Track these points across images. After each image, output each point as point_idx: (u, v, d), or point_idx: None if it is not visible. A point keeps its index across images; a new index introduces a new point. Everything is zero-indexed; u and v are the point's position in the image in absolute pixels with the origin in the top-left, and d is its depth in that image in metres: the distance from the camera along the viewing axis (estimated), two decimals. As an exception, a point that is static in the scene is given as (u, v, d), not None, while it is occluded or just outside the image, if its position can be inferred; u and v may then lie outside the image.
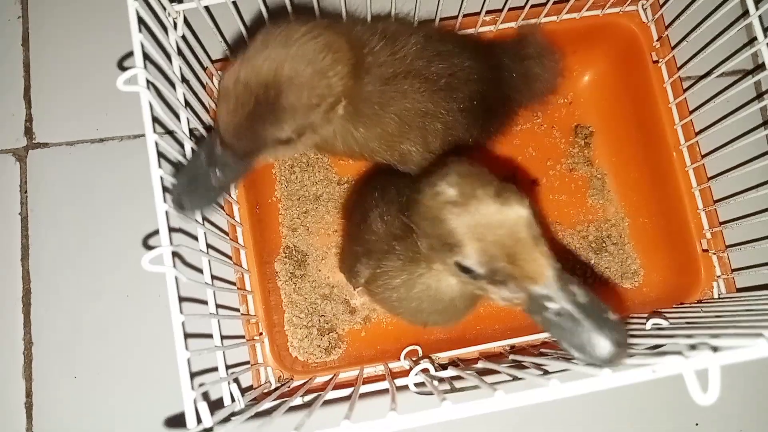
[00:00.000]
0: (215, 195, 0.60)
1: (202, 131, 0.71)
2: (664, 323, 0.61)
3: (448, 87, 0.69)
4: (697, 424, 0.84)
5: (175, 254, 0.53)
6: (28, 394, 0.83)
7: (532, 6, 0.78)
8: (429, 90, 0.67)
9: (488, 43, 0.79)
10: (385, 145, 0.69)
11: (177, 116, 0.66)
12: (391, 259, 0.62)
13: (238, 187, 0.76)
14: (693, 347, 0.40)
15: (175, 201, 0.57)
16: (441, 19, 0.78)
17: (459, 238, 0.46)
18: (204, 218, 0.65)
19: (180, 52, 0.67)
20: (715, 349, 0.39)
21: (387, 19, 0.75)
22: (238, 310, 0.76)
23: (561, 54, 0.81)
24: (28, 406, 0.83)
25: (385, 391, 0.61)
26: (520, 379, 0.49)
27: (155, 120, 0.54)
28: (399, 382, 0.62)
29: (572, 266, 0.87)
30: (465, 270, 0.48)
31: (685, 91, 0.80)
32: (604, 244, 0.88)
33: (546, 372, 0.56)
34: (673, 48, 0.81)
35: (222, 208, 0.71)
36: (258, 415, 0.53)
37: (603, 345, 0.43)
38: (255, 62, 0.53)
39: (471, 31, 0.81)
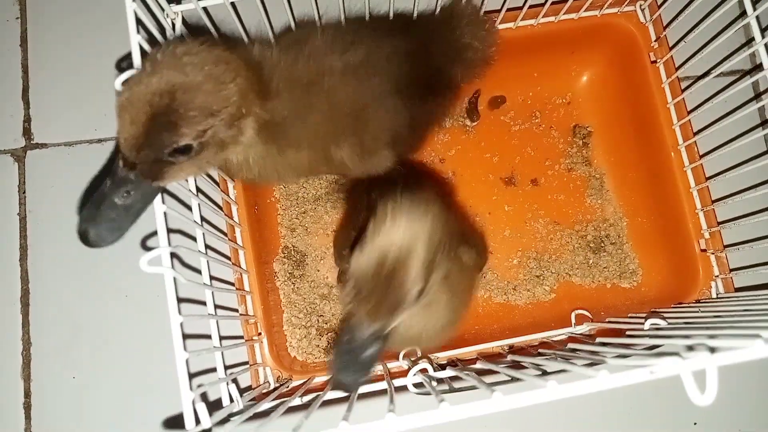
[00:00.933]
0: (124, 219, 0.55)
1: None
2: (662, 323, 0.61)
3: (370, 73, 0.66)
4: (695, 423, 0.84)
5: (173, 255, 0.53)
6: (27, 394, 0.83)
7: (530, 6, 0.78)
8: (349, 83, 0.65)
9: (411, 20, 0.76)
10: (320, 159, 0.67)
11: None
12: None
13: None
14: (690, 348, 0.40)
15: (80, 234, 0.54)
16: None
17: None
18: (202, 219, 0.65)
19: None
20: (712, 350, 0.39)
21: (289, 31, 0.72)
22: (236, 310, 0.76)
23: (491, 21, 0.79)
24: (27, 407, 0.83)
25: (384, 391, 0.61)
26: (518, 379, 0.49)
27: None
28: (398, 382, 0.62)
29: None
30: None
31: (683, 91, 0.80)
32: (602, 244, 0.88)
33: (544, 372, 0.56)
34: (671, 48, 0.81)
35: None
36: (257, 415, 0.53)
37: (344, 375, 0.53)
38: (148, 76, 0.52)
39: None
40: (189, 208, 0.64)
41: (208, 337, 0.62)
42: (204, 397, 0.69)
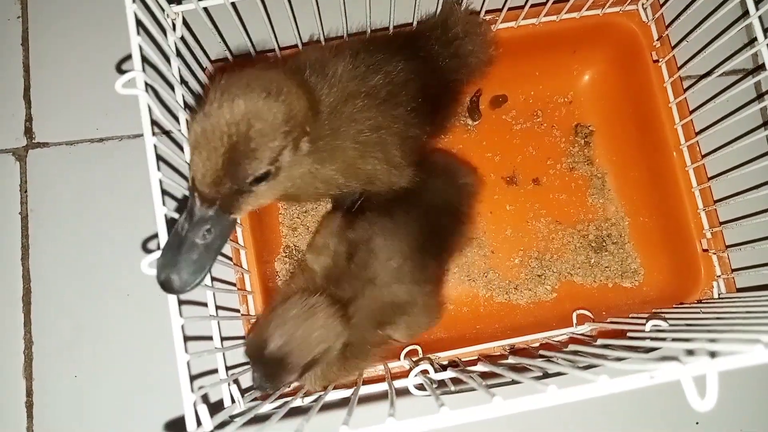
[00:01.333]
0: (205, 258, 0.54)
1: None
2: (664, 325, 0.61)
3: (390, 95, 0.68)
4: (697, 423, 0.84)
5: (174, 257, 0.53)
6: (29, 393, 0.84)
7: (532, 6, 0.78)
8: (373, 106, 0.66)
9: (413, 36, 0.77)
10: (350, 174, 0.68)
11: (176, 117, 0.66)
12: None
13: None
14: (690, 352, 0.40)
15: (163, 283, 0.53)
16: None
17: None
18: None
19: (179, 53, 0.67)
20: (712, 354, 0.39)
21: (308, 49, 0.73)
22: (238, 310, 0.76)
23: (487, 24, 0.80)
24: (29, 405, 0.83)
25: (386, 393, 0.61)
26: (518, 382, 0.49)
27: (154, 122, 0.54)
28: (399, 383, 0.62)
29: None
30: None
31: (685, 90, 0.80)
32: (604, 244, 0.88)
33: (546, 374, 0.56)
34: (673, 47, 0.81)
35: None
36: (258, 418, 0.53)
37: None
38: (218, 108, 0.53)
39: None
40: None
41: (210, 338, 0.62)
42: (206, 397, 0.69)
